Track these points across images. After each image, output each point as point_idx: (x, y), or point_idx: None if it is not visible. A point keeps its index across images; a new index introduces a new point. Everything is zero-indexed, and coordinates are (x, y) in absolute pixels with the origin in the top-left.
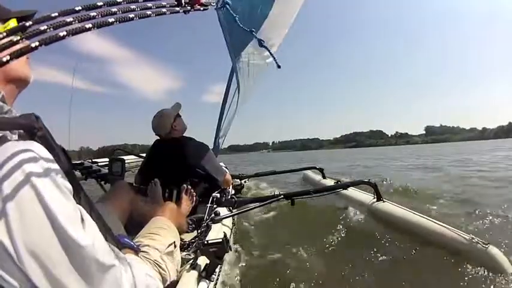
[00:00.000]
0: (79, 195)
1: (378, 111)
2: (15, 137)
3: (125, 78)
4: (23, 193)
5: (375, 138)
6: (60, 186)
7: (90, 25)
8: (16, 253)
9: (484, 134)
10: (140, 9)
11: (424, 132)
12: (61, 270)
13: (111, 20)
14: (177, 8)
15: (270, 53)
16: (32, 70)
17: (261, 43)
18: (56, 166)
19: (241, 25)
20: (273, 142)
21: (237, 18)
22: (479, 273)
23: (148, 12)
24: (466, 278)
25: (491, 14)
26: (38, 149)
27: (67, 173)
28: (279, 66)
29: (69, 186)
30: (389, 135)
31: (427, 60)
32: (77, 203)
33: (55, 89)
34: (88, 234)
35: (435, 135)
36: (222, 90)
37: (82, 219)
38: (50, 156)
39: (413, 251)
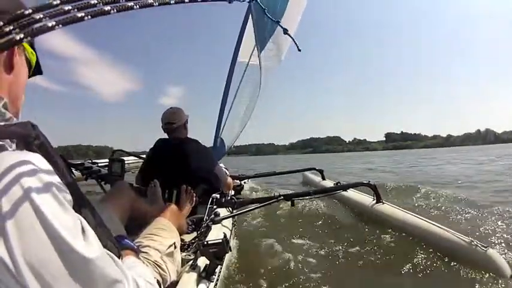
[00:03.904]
0: (79, 203)
1: (336, 116)
2: (14, 145)
3: (84, 77)
4: (21, 207)
5: (332, 144)
6: (59, 198)
7: (83, 14)
8: (16, 269)
9: (448, 141)
10: None
11: (384, 138)
12: (63, 285)
13: (107, 8)
14: None
15: (292, 38)
16: None
17: (285, 31)
18: (54, 176)
19: (269, 16)
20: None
21: (266, 11)
22: (478, 276)
23: None
24: (465, 281)
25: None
26: (35, 159)
27: (66, 182)
28: (299, 50)
29: (69, 196)
30: (347, 142)
31: (390, 67)
32: (76, 212)
33: None
34: (90, 247)
35: (396, 141)
36: (179, 93)
37: (83, 231)
38: (49, 166)
39: (413, 253)
